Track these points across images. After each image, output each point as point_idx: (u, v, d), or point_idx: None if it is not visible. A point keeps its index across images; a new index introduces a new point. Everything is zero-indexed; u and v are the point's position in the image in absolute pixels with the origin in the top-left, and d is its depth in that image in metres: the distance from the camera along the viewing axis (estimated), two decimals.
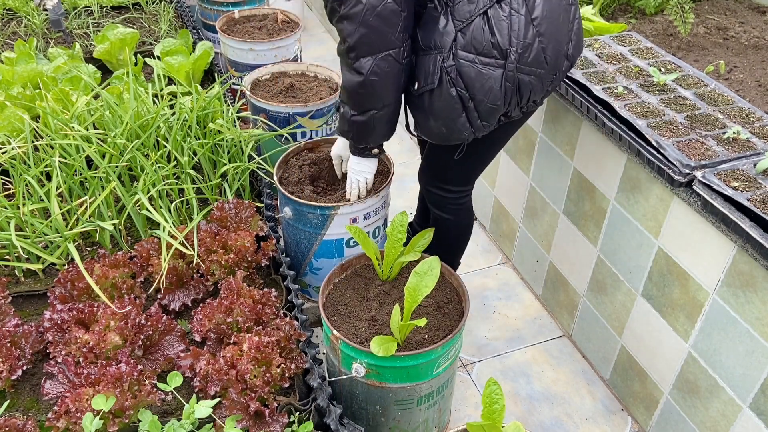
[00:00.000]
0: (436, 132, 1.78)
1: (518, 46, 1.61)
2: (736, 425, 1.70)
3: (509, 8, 1.59)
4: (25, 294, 1.79)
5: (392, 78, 1.69)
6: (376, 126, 1.80)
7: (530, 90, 1.69)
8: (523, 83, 1.66)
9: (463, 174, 2.01)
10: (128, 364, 1.43)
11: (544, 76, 1.68)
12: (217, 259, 1.74)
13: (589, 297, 2.25)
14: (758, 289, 1.56)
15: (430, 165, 2.05)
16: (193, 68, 2.72)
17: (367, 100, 1.74)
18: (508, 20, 1.59)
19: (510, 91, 1.67)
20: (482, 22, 1.60)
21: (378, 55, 1.64)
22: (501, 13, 1.59)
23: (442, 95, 1.69)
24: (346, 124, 1.82)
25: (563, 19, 1.66)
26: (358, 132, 1.83)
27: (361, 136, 1.84)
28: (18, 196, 1.86)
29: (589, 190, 2.12)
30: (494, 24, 1.60)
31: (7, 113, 2.21)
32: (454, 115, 1.71)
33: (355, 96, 1.73)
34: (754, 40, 2.54)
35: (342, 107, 1.81)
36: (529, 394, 2.23)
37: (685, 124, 1.85)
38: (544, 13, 1.61)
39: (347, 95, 1.75)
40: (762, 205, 1.53)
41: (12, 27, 3.21)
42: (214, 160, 2.16)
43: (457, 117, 1.71)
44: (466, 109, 1.70)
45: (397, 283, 1.88)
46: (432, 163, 2.04)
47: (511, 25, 1.59)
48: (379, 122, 1.79)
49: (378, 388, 1.70)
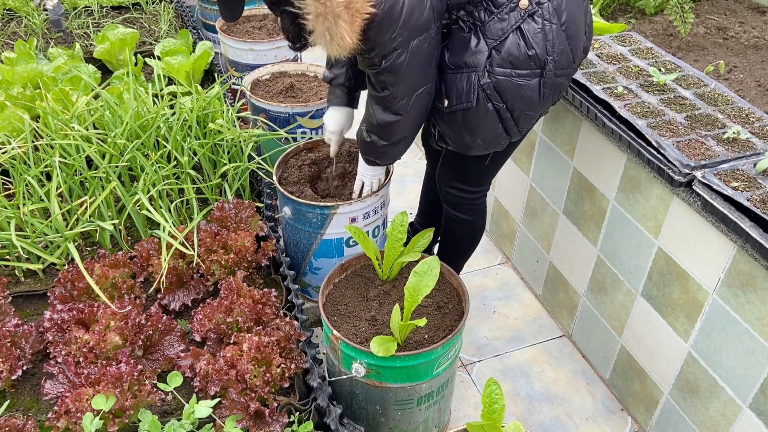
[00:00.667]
0: (473, 145, 1.81)
1: (555, 54, 1.64)
2: (736, 425, 1.70)
3: (542, 20, 1.61)
4: (25, 294, 1.79)
5: (424, 108, 1.74)
6: (403, 148, 1.87)
7: (561, 89, 1.75)
8: (558, 85, 1.71)
9: (482, 175, 2.03)
10: (128, 364, 1.43)
11: (572, 73, 1.76)
12: (217, 259, 1.74)
13: (589, 297, 2.25)
14: (758, 289, 1.56)
15: (449, 168, 2.05)
16: (193, 68, 2.72)
17: (400, 132, 1.78)
18: (542, 32, 1.61)
19: (546, 96, 1.71)
20: (517, 38, 1.61)
21: (414, 94, 1.67)
22: (535, 26, 1.61)
23: (478, 112, 1.70)
24: (374, 152, 1.87)
25: (580, 15, 1.71)
26: (384, 156, 1.89)
27: (386, 159, 1.91)
28: (18, 196, 1.86)
29: (589, 190, 2.12)
30: (530, 37, 1.61)
31: (7, 113, 2.21)
32: (491, 128, 1.73)
33: (388, 130, 1.77)
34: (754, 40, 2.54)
35: (369, 137, 1.83)
36: (529, 394, 2.23)
37: (685, 124, 1.85)
38: (569, 16, 1.65)
39: (380, 130, 1.78)
40: (762, 205, 1.53)
41: (12, 27, 3.21)
42: (214, 160, 2.16)
43: (495, 129, 1.73)
44: (502, 120, 1.72)
45: (397, 283, 1.88)
46: (451, 166, 2.05)
47: (546, 36, 1.62)
48: (405, 145, 1.86)
49: (378, 388, 1.70)
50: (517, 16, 1.60)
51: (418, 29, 1.55)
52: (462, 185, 2.03)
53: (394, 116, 1.71)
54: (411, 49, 1.57)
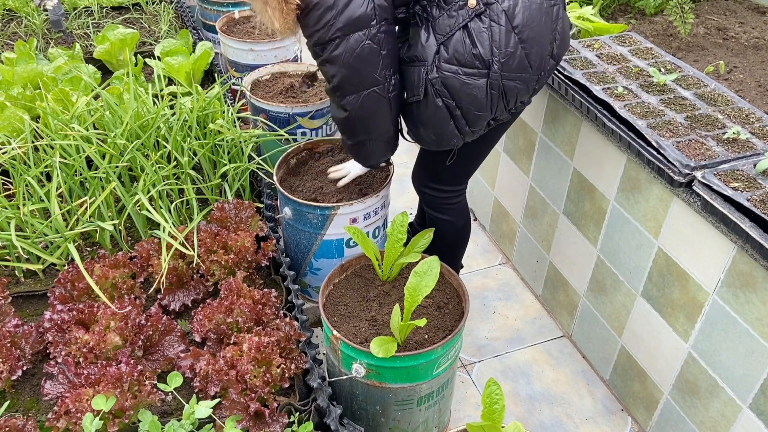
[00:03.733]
0: (427, 139, 1.84)
1: (500, 55, 1.64)
2: (736, 425, 1.70)
3: (489, 20, 1.62)
4: (25, 294, 1.79)
5: (380, 112, 1.76)
6: (374, 151, 1.91)
7: (516, 93, 1.72)
8: (509, 88, 1.70)
9: (455, 174, 2.03)
10: (128, 365, 1.43)
11: (529, 78, 1.71)
12: (217, 259, 1.74)
13: (589, 297, 2.25)
14: (758, 289, 1.56)
15: (423, 166, 2.08)
16: (193, 68, 2.72)
17: (357, 132, 1.83)
18: (488, 32, 1.62)
19: (495, 98, 1.70)
20: (463, 35, 1.63)
21: (362, 93, 1.70)
22: (481, 25, 1.62)
23: (428, 106, 1.73)
24: (345, 147, 1.96)
25: (545, 21, 1.68)
26: (356, 155, 1.98)
27: (359, 158, 1.98)
28: (18, 197, 1.86)
29: (589, 190, 2.12)
30: (475, 36, 1.63)
31: (8, 114, 2.21)
32: (442, 123, 1.75)
33: (343, 128, 1.85)
34: (754, 41, 2.54)
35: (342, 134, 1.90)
36: (529, 395, 2.23)
37: (685, 125, 1.85)
38: (524, 20, 1.63)
39: (339, 126, 1.85)
40: (762, 205, 1.53)
41: (12, 27, 3.21)
42: (214, 160, 2.16)
43: (446, 125, 1.75)
44: (453, 117, 1.73)
45: (397, 283, 1.88)
46: (424, 165, 2.07)
47: (492, 36, 1.62)
48: (375, 148, 1.89)
49: (378, 388, 1.70)
50: (465, 14, 1.62)
51: (357, 23, 1.60)
52: (436, 185, 2.05)
53: (343, 112, 1.75)
54: (350, 42, 1.61)
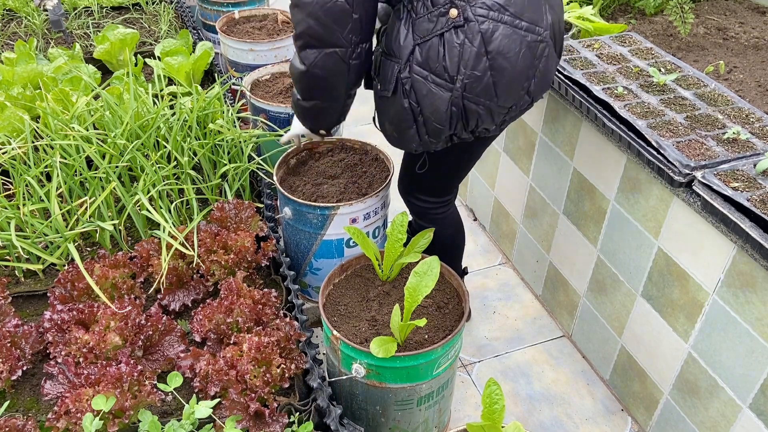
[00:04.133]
0: (389, 134, 1.80)
1: (465, 75, 1.59)
2: (736, 425, 1.70)
3: (464, 36, 1.57)
4: (25, 294, 1.79)
5: (337, 77, 1.69)
6: (319, 115, 1.84)
7: (477, 118, 1.66)
8: (470, 110, 1.64)
9: (433, 186, 2.02)
10: (128, 365, 1.43)
11: (494, 108, 1.65)
12: (217, 259, 1.74)
13: (589, 297, 2.25)
14: (758, 289, 1.56)
15: (403, 175, 2.07)
16: (193, 68, 2.72)
17: (310, 91, 1.76)
18: (460, 48, 1.57)
19: (455, 116, 1.65)
20: (438, 43, 1.59)
21: (323, 51, 1.63)
22: (455, 39, 1.58)
23: (395, 103, 1.70)
24: (293, 103, 1.88)
25: (525, 55, 1.60)
26: (301, 114, 1.89)
27: (304, 118, 1.90)
28: (18, 197, 1.86)
29: (589, 190, 2.12)
30: (447, 48, 1.59)
31: (8, 114, 2.21)
32: (404, 124, 1.72)
33: (298, 83, 1.76)
34: (754, 41, 2.54)
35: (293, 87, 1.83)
36: (529, 395, 2.23)
37: (685, 125, 1.85)
38: (500, 48, 1.57)
39: (293, 80, 1.77)
40: (762, 205, 1.53)
41: (12, 27, 3.21)
42: (214, 160, 2.16)
43: (408, 127, 1.72)
44: (416, 122, 1.70)
45: (397, 283, 1.88)
46: (404, 174, 2.06)
47: (461, 54, 1.58)
48: (322, 113, 1.83)
49: (378, 388, 1.70)
50: (444, 22, 1.58)
51: None
52: (417, 194, 2.04)
53: (301, 65, 1.68)
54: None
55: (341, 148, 2.31)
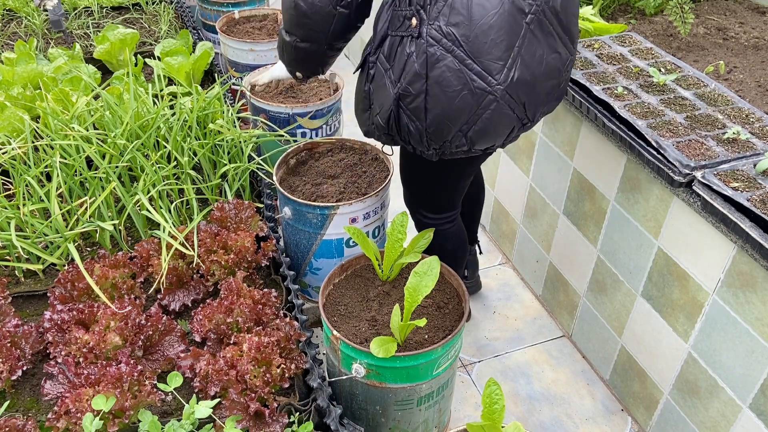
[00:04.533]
0: (355, 104, 1.82)
1: (400, 88, 1.58)
2: (736, 425, 1.70)
3: (414, 49, 1.53)
4: (25, 294, 1.79)
5: (320, 16, 1.66)
6: (297, 54, 1.82)
7: (407, 133, 1.64)
8: (401, 121, 1.63)
9: (432, 203, 2.04)
10: (128, 365, 1.43)
11: (422, 131, 1.60)
12: (217, 259, 1.74)
13: (589, 297, 2.25)
14: (758, 289, 1.56)
15: (405, 192, 2.11)
16: (193, 69, 2.72)
17: (293, 24, 1.73)
18: (407, 58, 1.55)
19: (392, 119, 1.64)
20: (398, 44, 1.58)
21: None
22: (407, 48, 1.55)
23: (359, 82, 1.73)
24: (278, 39, 1.87)
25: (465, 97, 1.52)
26: (281, 47, 1.87)
27: (282, 51, 1.88)
28: (18, 197, 1.86)
29: (589, 190, 2.12)
30: (399, 52, 1.57)
31: (7, 114, 2.21)
32: (362, 105, 1.75)
33: (285, 12, 1.74)
34: (754, 41, 2.54)
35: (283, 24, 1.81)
36: (529, 395, 2.23)
37: (685, 125, 1.85)
38: (440, 79, 1.51)
39: (282, 8, 1.75)
40: (762, 205, 1.53)
41: (12, 27, 3.21)
42: (214, 160, 2.16)
43: (363, 111, 1.76)
44: (370, 108, 1.72)
45: (397, 283, 1.88)
46: (406, 191, 2.10)
47: (405, 64, 1.55)
48: (301, 53, 1.81)
49: (378, 388, 1.70)
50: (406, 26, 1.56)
51: None
52: (420, 209, 2.07)
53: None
54: None
55: (341, 148, 2.31)
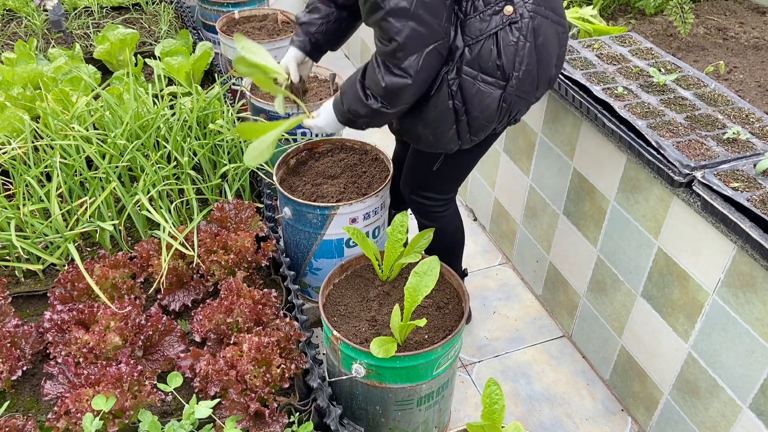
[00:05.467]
0: (423, 139, 1.78)
1: (521, 71, 1.63)
2: (736, 425, 1.70)
3: (519, 33, 1.60)
4: (25, 294, 1.79)
5: (433, 72, 1.61)
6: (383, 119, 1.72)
7: (518, 110, 1.75)
8: (515, 104, 1.70)
9: (443, 183, 2.02)
10: (128, 365, 1.43)
11: (532, 99, 1.75)
12: (217, 259, 1.74)
13: (589, 297, 2.25)
14: (758, 289, 1.56)
15: (410, 174, 2.06)
16: (193, 69, 2.72)
17: (406, 98, 1.63)
18: (515, 46, 1.60)
19: (504, 111, 1.70)
20: (491, 43, 1.60)
21: (424, 51, 1.54)
22: (510, 37, 1.60)
23: (438, 105, 1.68)
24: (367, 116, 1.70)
25: (554, 44, 1.69)
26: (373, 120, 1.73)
27: (372, 123, 1.75)
28: (18, 197, 1.86)
29: (588, 190, 2.12)
30: (502, 47, 1.60)
31: (8, 114, 2.21)
32: (445, 126, 1.71)
33: (395, 95, 1.61)
34: (754, 41, 2.54)
35: (368, 100, 1.66)
36: (529, 395, 2.23)
37: (685, 125, 1.85)
38: (545, 42, 1.65)
39: (386, 94, 1.61)
40: (762, 205, 1.53)
41: (12, 27, 3.21)
42: (214, 160, 2.16)
43: (448, 129, 1.72)
44: (458, 122, 1.70)
45: (397, 283, 1.88)
46: (413, 172, 2.05)
47: (517, 51, 1.61)
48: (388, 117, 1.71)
49: (378, 388, 1.70)
50: (498, 20, 1.58)
51: None
52: (424, 192, 2.04)
53: (403, 78, 1.56)
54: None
55: (341, 148, 2.31)
